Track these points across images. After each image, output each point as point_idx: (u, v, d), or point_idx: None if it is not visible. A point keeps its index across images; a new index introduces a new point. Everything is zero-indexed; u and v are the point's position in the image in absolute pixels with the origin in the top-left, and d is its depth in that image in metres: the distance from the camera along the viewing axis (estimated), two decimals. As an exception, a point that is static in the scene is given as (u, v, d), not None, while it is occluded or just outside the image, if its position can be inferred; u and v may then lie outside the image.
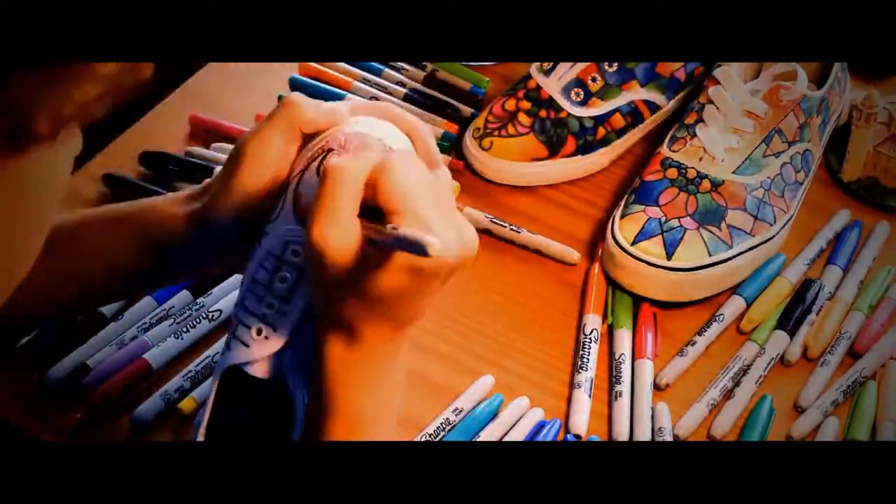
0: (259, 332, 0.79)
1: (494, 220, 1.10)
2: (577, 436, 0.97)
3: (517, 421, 0.98)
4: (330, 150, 0.79)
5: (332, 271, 0.72)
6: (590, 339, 1.02)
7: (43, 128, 0.55)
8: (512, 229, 1.10)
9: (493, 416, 0.98)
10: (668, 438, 0.97)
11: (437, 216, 0.73)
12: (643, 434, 0.97)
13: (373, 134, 0.80)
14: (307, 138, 0.81)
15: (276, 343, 0.79)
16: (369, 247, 0.72)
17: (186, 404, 0.96)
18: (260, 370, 0.80)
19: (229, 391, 0.81)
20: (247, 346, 0.80)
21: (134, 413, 0.95)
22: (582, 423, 0.98)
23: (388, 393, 0.77)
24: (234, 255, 0.84)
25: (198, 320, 1.00)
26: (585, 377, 1.00)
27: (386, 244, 0.72)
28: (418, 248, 0.68)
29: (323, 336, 0.76)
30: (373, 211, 0.74)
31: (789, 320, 1.04)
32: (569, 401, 1.00)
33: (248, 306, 0.80)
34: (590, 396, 0.99)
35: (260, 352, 0.79)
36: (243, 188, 0.81)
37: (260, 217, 0.80)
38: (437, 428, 0.96)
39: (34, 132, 0.55)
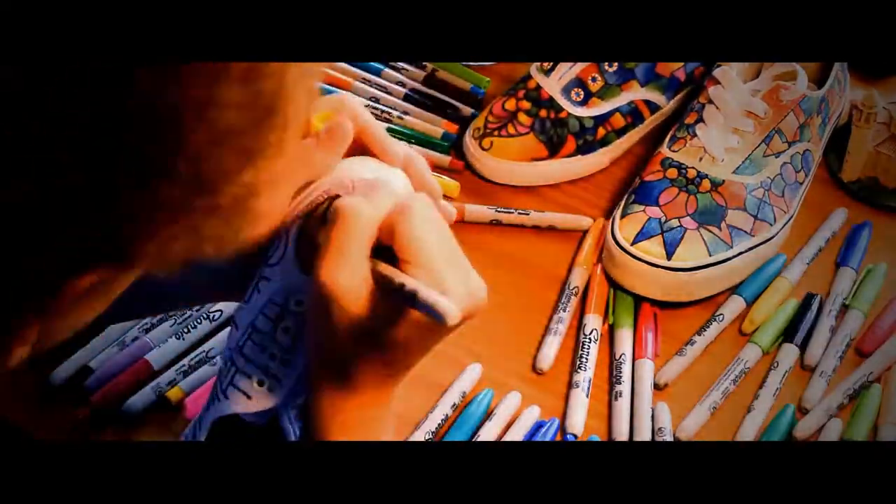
0: (261, 383, 0.76)
1: (500, 210, 1.11)
2: (574, 435, 0.97)
3: (514, 419, 0.98)
4: (336, 196, 0.75)
5: (339, 314, 0.70)
6: (589, 339, 1.02)
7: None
8: (520, 213, 1.11)
9: (486, 411, 0.98)
10: (669, 438, 0.97)
11: (451, 271, 0.71)
12: (643, 434, 0.97)
13: (379, 177, 0.76)
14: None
15: (277, 396, 0.76)
16: (381, 295, 0.70)
17: (174, 393, 0.97)
18: (253, 414, 0.77)
19: (222, 435, 0.79)
20: (248, 397, 0.77)
21: (124, 405, 0.96)
22: (579, 422, 0.98)
23: (378, 433, 0.76)
24: (216, 292, 0.83)
25: (199, 321, 1.00)
26: (584, 377, 1.00)
27: (401, 300, 0.70)
28: (437, 316, 0.67)
29: (319, 380, 0.74)
30: (384, 252, 0.71)
31: (796, 332, 1.04)
32: (566, 400, 1.00)
33: (249, 354, 0.77)
34: (587, 396, 0.99)
35: (262, 404, 0.76)
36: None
37: (251, 260, 0.77)
38: (437, 425, 0.97)
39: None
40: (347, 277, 0.70)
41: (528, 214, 1.11)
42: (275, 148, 0.58)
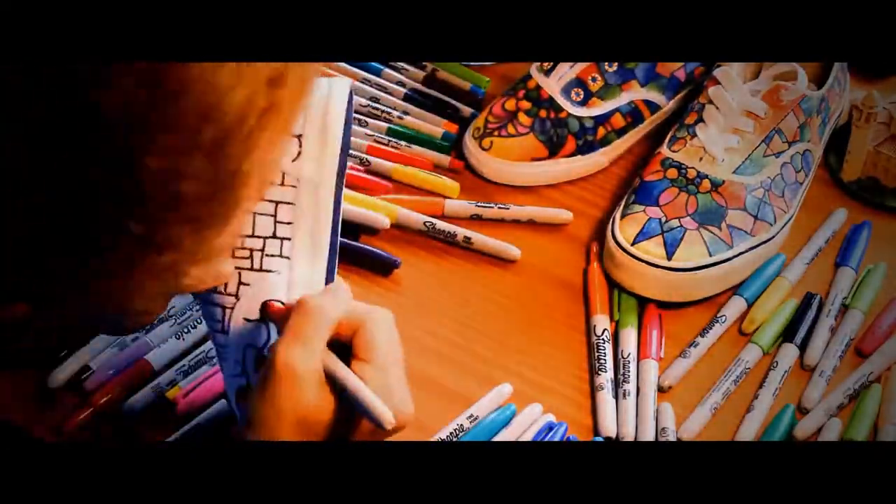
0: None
1: (480, 204, 1.11)
2: (608, 438, 0.97)
3: (527, 426, 0.98)
4: None
5: (287, 393, 0.75)
6: (602, 339, 1.02)
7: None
8: (500, 207, 1.11)
9: (504, 425, 0.98)
10: (672, 439, 0.97)
11: (399, 380, 0.77)
12: (647, 434, 0.97)
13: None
14: None
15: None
16: (328, 385, 0.76)
17: (174, 393, 0.97)
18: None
19: None
20: None
21: (125, 404, 0.96)
22: (611, 425, 0.97)
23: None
24: None
25: (199, 321, 1.00)
26: (606, 378, 1.00)
27: (344, 395, 0.76)
28: (372, 417, 0.74)
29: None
30: (338, 349, 0.78)
31: (796, 332, 1.04)
32: (593, 404, 1.00)
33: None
34: (614, 397, 0.99)
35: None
36: None
37: None
38: (450, 434, 0.96)
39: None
40: (302, 361, 0.75)
41: (507, 209, 1.11)
42: (222, 219, 0.63)
